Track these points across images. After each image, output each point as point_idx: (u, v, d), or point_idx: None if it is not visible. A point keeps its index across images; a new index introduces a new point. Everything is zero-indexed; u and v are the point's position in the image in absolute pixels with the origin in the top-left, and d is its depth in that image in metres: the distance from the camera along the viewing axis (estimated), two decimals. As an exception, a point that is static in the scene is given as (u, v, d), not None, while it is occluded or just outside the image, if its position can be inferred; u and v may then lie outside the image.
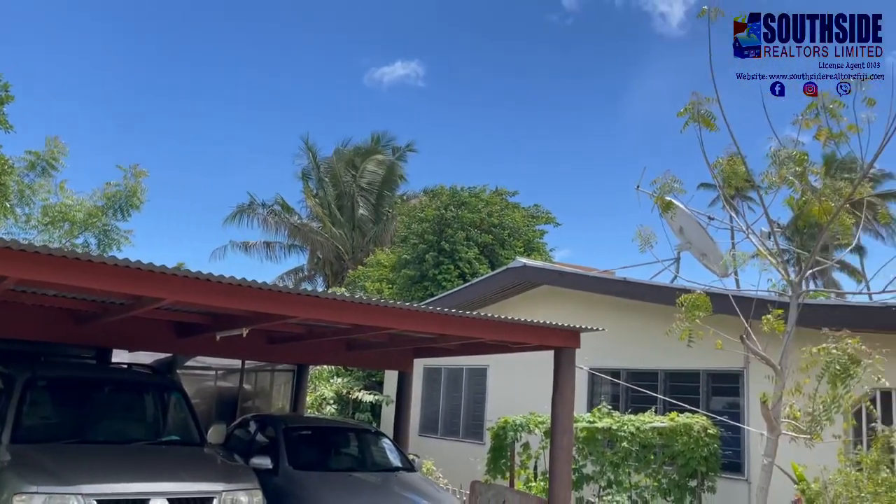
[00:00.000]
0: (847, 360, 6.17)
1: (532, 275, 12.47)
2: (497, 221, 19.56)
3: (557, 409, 7.73)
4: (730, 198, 8.44)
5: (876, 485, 6.39)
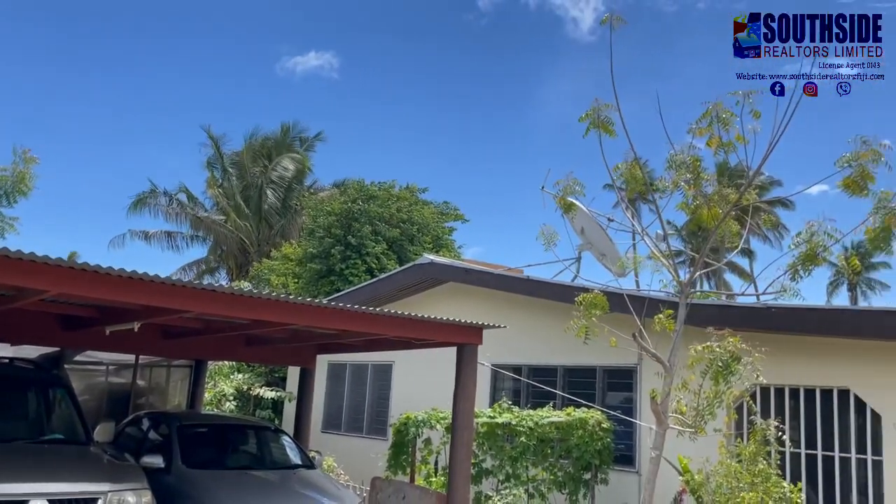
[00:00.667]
0: (729, 357, 6.51)
1: (439, 272, 12.55)
2: (406, 217, 19.58)
3: (459, 405, 7.81)
4: (632, 201, 8.80)
5: (753, 475, 6.78)
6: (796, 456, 8.25)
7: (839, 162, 7.01)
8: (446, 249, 20.43)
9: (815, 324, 7.88)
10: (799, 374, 8.32)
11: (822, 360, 8.16)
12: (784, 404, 8.45)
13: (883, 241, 6.61)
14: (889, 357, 7.66)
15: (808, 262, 7.02)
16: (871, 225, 6.65)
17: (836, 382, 8.05)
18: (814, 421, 8.21)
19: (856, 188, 6.86)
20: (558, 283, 10.37)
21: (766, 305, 8.20)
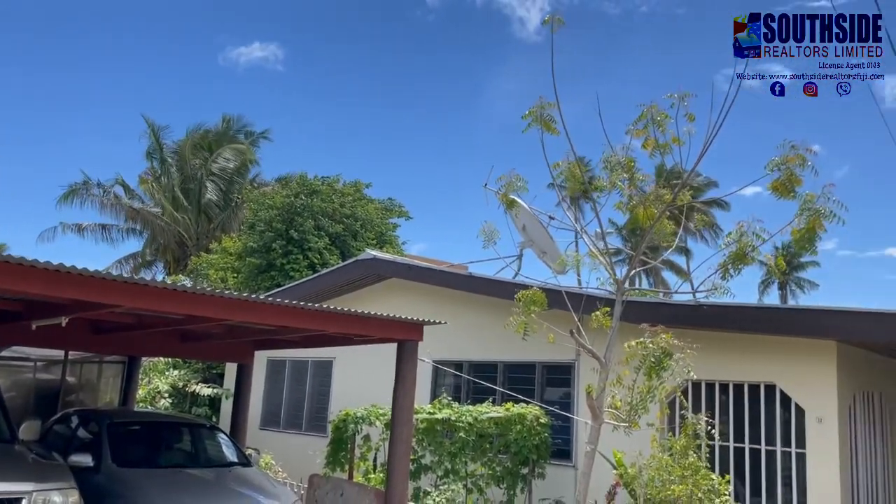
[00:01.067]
0: (661, 353, 6.69)
1: (381, 267, 12.51)
2: (350, 212, 19.43)
3: (398, 401, 7.80)
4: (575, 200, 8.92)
5: (683, 468, 6.98)
6: (725, 449, 8.52)
7: (768, 165, 7.26)
8: (390, 246, 20.38)
9: (744, 321, 8.15)
10: (728, 370, 8.59)
11: (750, 357, 8.45)
12: (714, 399, 8.72)
13: (807, 242, 6.88)
14: (813, 354, 7.98)
15: (737, 261, 7.26)
16: (797, 226, 6.92)
17: (763, 378, 8.35)
18: (742, 415, 8.50)
19: (784, 191, 7.12)
20: (499, 279, 10.46)
21: (699, 303, 8.43)
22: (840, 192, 6.86)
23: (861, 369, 8.59)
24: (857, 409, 8.50)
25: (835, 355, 7.86)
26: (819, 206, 6.81)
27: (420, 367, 10.67)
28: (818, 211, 6.78)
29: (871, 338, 7.63)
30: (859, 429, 8.49)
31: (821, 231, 6.81)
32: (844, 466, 7.78)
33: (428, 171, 60.21)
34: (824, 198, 6.83)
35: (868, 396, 8.81)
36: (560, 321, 7.96)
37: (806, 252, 6.94)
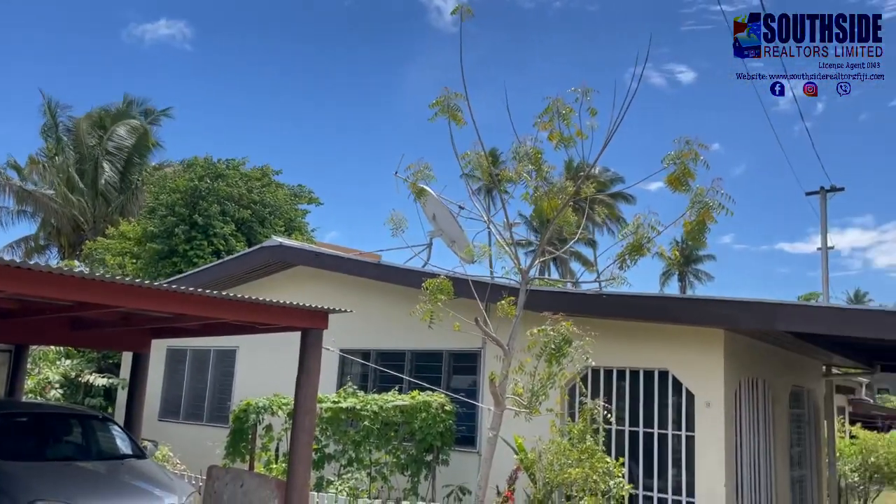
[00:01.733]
0: (561, 340, 6.86)
1: (288, 254, 12.27)
2: (257, 198, 18.96)
3: (301, 390, 7.68)
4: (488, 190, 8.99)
5: (580, 452, 7.20)
6: (621, 433, 8.85)
7: (665, 160, 7.54)
8: (299, 233, 20.04)
9: (640, 310, 8.47)
10: (626, 357, 8.91)
11: (646, 345, 8.79)
12: (612, 385, 9.03)
13: (698, 234, 7.21)
14: (703, 341, 8.38)
15: (634, 252, 7.53)
16: (689, 219, 7.24)
17: (657, 365, 8.71)
18: (637, 400, 8.84)
19: (678, 184, 7.42)
20: (407, 268, 10.46)
21: (599, 293, 8.70)
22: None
23: (747, 356, 9.09)
24: (743, 394, 8.99)
25: (722, 343, 8.28)
26: (709, 199, 7.14)
27: (326, 355, 10.55)
28: (708, 204, 7.10)
29: (753, 326, 8.06)
30: (744, 412, 8.98)
31: (711, 223, 7.14)
32: (729, 448, 8.22)
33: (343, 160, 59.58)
34: (714, 191, 7.16)
35: (752, 382, 9.33)
36: (467, 310, 8.05)
37: (697, 243, 7.25)
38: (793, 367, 11.07)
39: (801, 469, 11.37)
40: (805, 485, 11.52)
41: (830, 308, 7.44)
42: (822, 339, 9.41)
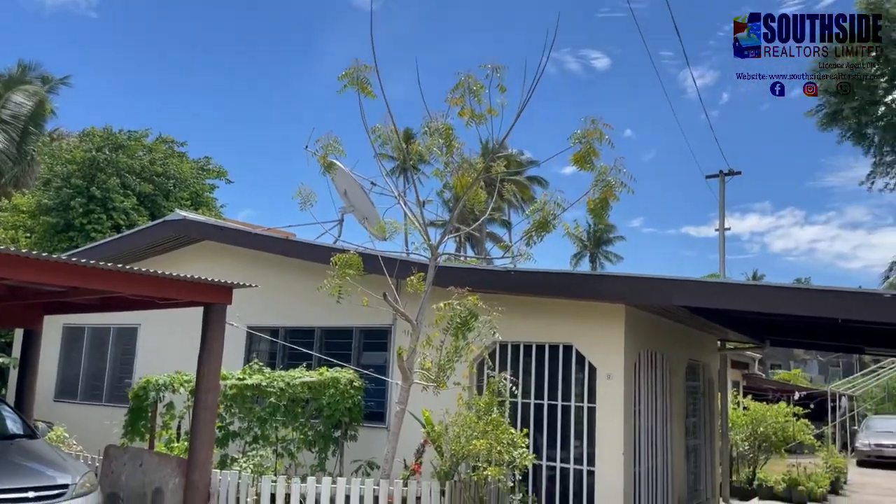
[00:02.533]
0: (468, 315, 6.94)
1: (192, 229, 11.87)
2: (161, 170, 18.18)
3: (204, 367, 7.48)
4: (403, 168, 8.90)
5: (486, 424, 7.33)
6: (527, 406, 9.06)
7: (571, 139, 7.71)
8: (206, 208, 19.38)
9: (545, 286, 8.65)
10: (533, 332, 9.11)
11: (552, 320, 9.00)
12: (519, 359, 9.22)
13: (601, 211, 7.42)
14: (604, 316, 8.66)
15: (540, 228, 7.69)
16: (592, 196, 7.43)
17: (562, 339, 8.94)
18: (543, 374, 9.06)
19: (583, 163, 7.60)
20: (317, 244, 10.31)
21: (507, 269, 8.84)
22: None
23: (646, 331, 9.46)
24: (642, 366, 9.36)
25: (623, 318, 8.57)
26: (611, 177, 7.36)
27: (233, 332, 10.32)
28: (610, 182, 7.32)
29: (649, 301, 8.38)
30: (643, 384, 9.36)
31: (613, 201, 7.37)
32: (628, 418, 8.56)
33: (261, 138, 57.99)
34: (616, 170, 7.38)
35: (652, 355, 9.72)
36: (378, 286, 8.02)
37: (600, 220, 7.45)
38: (690, 341, 11.60)
39: (695, 438, 11.97)
40: (699, 453, 12.15)
41: (718, 283, 7.83)
42: (715, 314, 9.89)
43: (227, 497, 7.34)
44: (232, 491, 7.35)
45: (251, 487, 7.23)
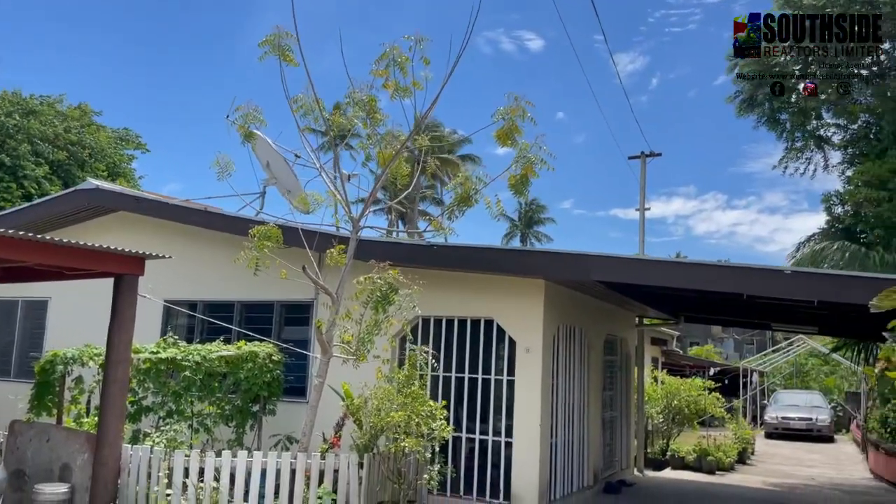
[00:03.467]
0: (388, 288, 6.93)
1: (106, 198, 11.43)
2: (76, 139, 17.39)
3: (115, 338, 7.24)
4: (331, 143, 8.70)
5: (405, 396, 7.37)
6: (449, 379, 9.15)
7: (494, 115, 7.75)
8: (124, 179, 18.67)
9: (466, 260, 8.72)
10: (456, 307, 9.18)
11: (474, 295, 9.09)
12: (441, 333, 9.29)
13: (521, 187, 7.50)
14: (524, 291, 8.80)
15: (462, 203, 7.73)
16: (514, 172, 7.51)
17: (484, 314, 9.04)
18: (464, 348, 9.16)
19: (506, 139, 7.65)
20: (236, 215, 10.11)
21: (430, 244, 8.87)
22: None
23: (565, 306, 9.66)
24: (561, 340, 9.57)
25: (542, 293, 8.74)
26: (532, 154, 7.44)
27: (149, 306, 10.04)
28: (531, 159, 7.40)
29: (567, 276, 8.54)
30: (561, 358, 9.58)
31: (533, 177, 7.46)
32: (545, 390, 8.76)
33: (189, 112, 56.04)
34: (537, 147, 7.47)
35: (570, 330, 9.95)
36: (300, 260, 7.92)
37: (520, 195, 7.53)
38: (608, 317, 11.93)
39: (612, 411, 12.36)
40: (616, 425, 12.56)
41: (634, 259, 8.05)
42: (632, 290, 10.19)
43: (139, 472, 7.17)
44: (143, 466, 7.17)
45: (163, 462, 7.07)
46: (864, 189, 14.78)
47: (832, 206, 17.00)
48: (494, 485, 8.72)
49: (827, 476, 15.32)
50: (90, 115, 19.35)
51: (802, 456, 19.56)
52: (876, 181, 14.48)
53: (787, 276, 7.03)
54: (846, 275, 7.61)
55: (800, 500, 11.76)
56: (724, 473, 14.39)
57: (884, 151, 15.06)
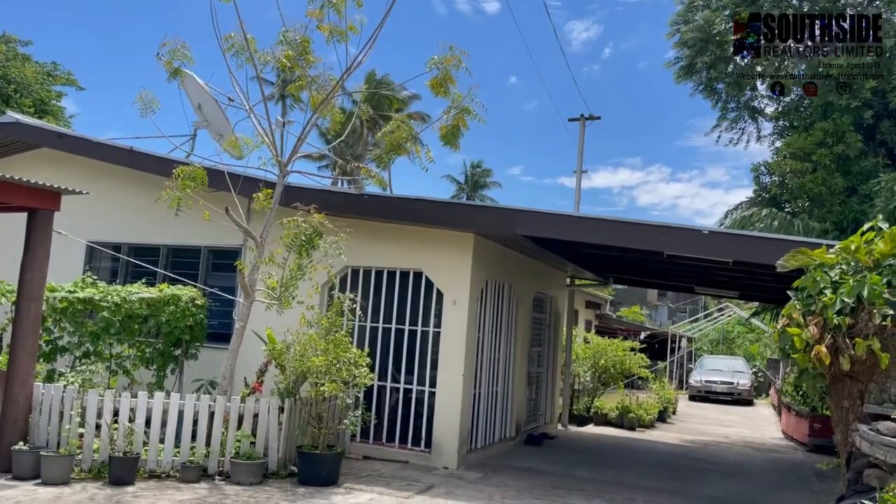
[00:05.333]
0: (312, 233, 6.88)
1: (28, 133, 10.93)
2: (0, 73, 16.55)
3: (26, 276, 7.03)
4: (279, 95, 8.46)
5: (327, 342, 7.38)
6: (376, 329, 9.19)
7: (428, 64, 7.68)
8: (52, 117, 17.91)
9: (396, 210, 8.70)
10: (387, 258, 9.18)
11: (405, 247, 9.10)
12: (370, 284, 9.29)
13: (453, 138, 7.50)
14: (454, 245, 8.85)
15: (392, 151, 7.68)
16: (445, 123, 7.49)
17: (413, 266, 9.07)
18: (393, 299, 9.19)
19: (439, 89, 7.61)
20: (162, 156, 9.82)
21: (363, 193, 8.81)
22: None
23: (494, 261, 9.77)
24: (489, 294, 9.70)
25: (471, 247, 8.80)
26: (465, 105, 7.43)
27: (72, 246, 9.76)
28: (463, 109, 7.39)
29: (495, 229, 8.60)
30: (488, 312, 9.72)
31: (464, 128, 7.46)
32: (470, 343, 8.88)
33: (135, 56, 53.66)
34: (469, 98, 7.46)
35: (499, 285, 10.08)
36: (229, 204, 7.78)
37: (451, 146, 7.52)
38: (538, 275, 12.11)
39: (539, 367, 12.64)
40: (541, 380, 12.85)
41: (557, 214, 8.15)
42: (559, 247, 10.35)
43: (51, 411, 7.02)
44: (56, 404, 7.03)
45: (76, 401, 6.94)
46: (791, 160, 15.30)
47: (759, 175, 17.55)
48: (417, 433, 8.86)
49: (740, 435, 16.07)
50: (15, 45, 18.39)
51: (721, 417, 20.45)
52: (801, 153, 15.00)
53: (704, 236, 7.24)
54: (758, 236, 7.89)
55: (709, 453, 12.32)
56: (644, 430, 14.94)
57: (811, 125, 15.58)
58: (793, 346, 5.96)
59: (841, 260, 6.06)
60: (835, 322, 5.71)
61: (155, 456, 7.02)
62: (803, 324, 5.89)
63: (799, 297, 6.05)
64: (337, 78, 7.91)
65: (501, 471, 8.71)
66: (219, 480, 7.00)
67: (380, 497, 6.84)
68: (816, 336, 5.79)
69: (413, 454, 8.77)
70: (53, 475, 6.45)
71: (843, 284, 5.80)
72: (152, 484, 6.70)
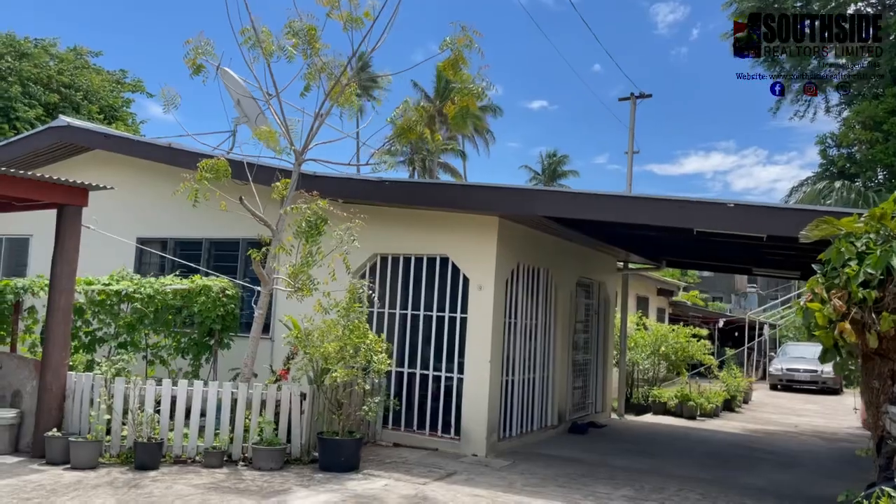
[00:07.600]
0: (316, 218, 6.89)
1: (78, 136, 11.46)
2: (69, 81, 17.44)
3: (57, 269, 7.36)
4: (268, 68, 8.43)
5: (344, 327, 7.39)
6: (405, 316, 9.16)
7: (441, 45, 7.56)
8: (121, 122, 18.75)
9: (417, 195, 8.63)
10: (413, 245, 9.13)
11: (430, 233, 9.02)
12: (398, 271, 9.26)
13: (461, 120, 7.35)
14: (478, 229, 8.70)
15: (402, 135, 7.60)
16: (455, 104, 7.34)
17: (439, 251, 8.98)
18: (420, 285, 9.13)
19: (450, 71, 7.47)
20: (198, 152, 10.01)
21: (382, 180, 8.77)
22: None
23: (526, 245, 9.55)
24: (520, 279, 9.49)
25: (496, 231, 8.63)
26: (474, 86, 7.26)
27: (121, 244, 10.18)
28: (472, 90, 7.23)
29: (514, 210, 8.37)
30: (520, 297, 9.51)
31: (473, 109, 7.30)
32: (497, 328, 8.71)
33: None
34: (480, 79, 7.29)
35: (531, 270, 9.85)
36: (260, 195, 7.89)
37: (460, 130, 7.36)
38: (582, 259, 11.76)
39: (586, 354, 12.30)
40: (589, 368, 12.50)
41: (571, 193, 7.89)
42: (596, 230, 10.00)
43: (82, 398, 7.33)
44: (87, 393, 7.32)
45: (103, 389, 7.21)
46: (859, 130, 14.26)
47: (826, 148, 16.45)
48: (446, 420, 8.78)
49: (812, 424, 15.19)
50: (86, 56, 19.35)
51: (797, 406, 19.41)
52: (871, 122, 13.96)
53: (729, 209, 6.84)
54: (788, 207, 7.38)
55: (769, 443, 11.68)
56: (705, 419, 14.33)
57: (882, 92, 14.48)
58: (816, 323, 5.54)
59: (870, 228, 5.59)
60: (860, 296, 5.28)
61: (180, 442, 7.22)
62: (826, 299, 5.46)
63: (822, 269, 5.61)
64: (361, 65, 7.90)
65: (532, 458, 8.52)
66: (241, 466, 7.13)
67: (395, 483, 6.80)
68: (842, 310, 5.37)
69: (442, 441, 8.69)
70: (82, 460, 6.73)
71: (869, 255, 5.35)
72: (175, 469, 6.89)
